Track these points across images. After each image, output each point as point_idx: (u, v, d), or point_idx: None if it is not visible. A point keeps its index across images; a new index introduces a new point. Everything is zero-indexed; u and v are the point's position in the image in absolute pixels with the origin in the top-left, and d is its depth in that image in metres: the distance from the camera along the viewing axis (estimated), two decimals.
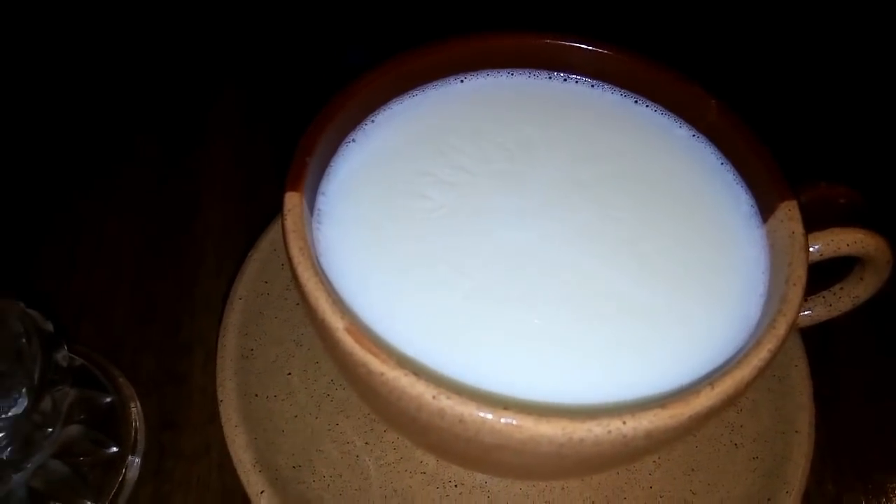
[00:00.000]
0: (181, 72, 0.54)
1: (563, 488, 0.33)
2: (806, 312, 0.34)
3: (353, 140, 0.32)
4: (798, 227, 0.28)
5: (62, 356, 0.31)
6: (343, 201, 0.30)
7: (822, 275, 0.33)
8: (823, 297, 0.33)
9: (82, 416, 0.35)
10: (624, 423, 0.23)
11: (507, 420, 0.23)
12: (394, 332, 0.27)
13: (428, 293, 0.28)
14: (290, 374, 0.36)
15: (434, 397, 0.23)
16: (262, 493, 0.31)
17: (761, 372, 0.24)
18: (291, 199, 0.27)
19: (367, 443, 0.34)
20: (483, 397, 0.23)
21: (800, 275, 0.26)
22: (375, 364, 0.24)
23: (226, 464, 0.34)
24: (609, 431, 0.23)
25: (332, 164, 0.31)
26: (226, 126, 0.51)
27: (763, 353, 0.24)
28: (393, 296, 0.28)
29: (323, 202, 0.30)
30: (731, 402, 0.24)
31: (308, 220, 0.28)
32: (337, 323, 0.24)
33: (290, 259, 0.26)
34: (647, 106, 0.34)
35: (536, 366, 0.27)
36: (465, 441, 0.24)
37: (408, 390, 0.23)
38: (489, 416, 0.23)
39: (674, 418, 0.23)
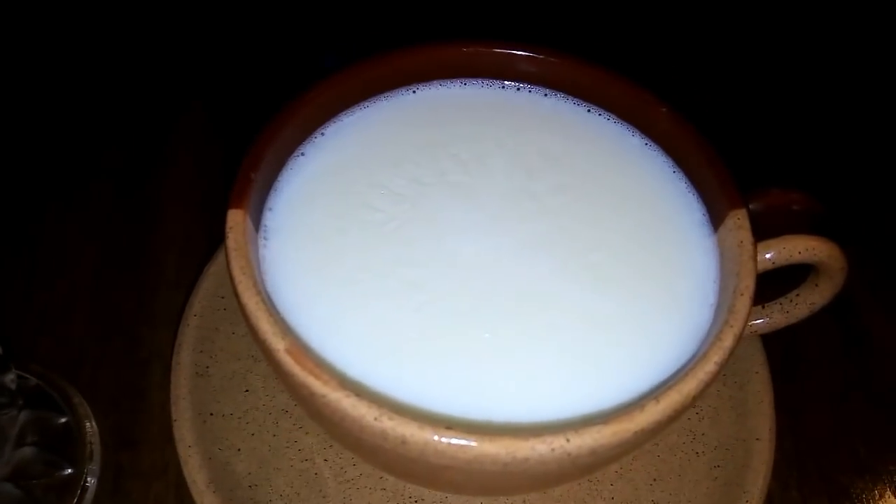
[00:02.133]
0: (145, 85, 0.53)
1: (524, 501, 0.33)
2: (762, 320, 0.33)
3: (303, 154, 0.32)
4: (746, 236, 0.28)
5: (10, 379, 0.31)
6: (291, 216, 0.30)
7: (782, 279, 0.33)
8: (780, 304, 0.33)
9: (36, 438, 0.34)
10: (567, 440, 0.22)
11: (449, 441, 0.22)
12: (340, 350, 0.27)
13: (377, 308, 0.28)
14: (247, 390, 0.35)
15: (376, 419, 0.23)
16: None
17: (708, 385, 0.24)
18: (234, 217, 0.27)
19: (326, 459, 0.34)
20: (425, 417, 0.23)
21: (747, 285, 0.26)
22: (317, 386, 0.23)
23: (183, 483, 0.33)
24: (553, 449, 0.22)
25: (280, 178, 0.31)
26: (188, 139, 0.50)
27: (709, 366, 0.24)
28: (340, 312, 0.28)
29: (270, 218, 0.30)
30: (677, 416, 0.24)
31: (253, 238, 0.28)
32: (277, 344, 0.24)
33: (231, 279, 0.26)
34: (599, 115, 0.34)
35: (487, 381, 0.27)
36: (411, 461, 0.24)
37: (350, 412, 0.23)
38: (432, 437, 0.22)
39: (617, 435, 0.23)
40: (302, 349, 0.24)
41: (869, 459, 0.38)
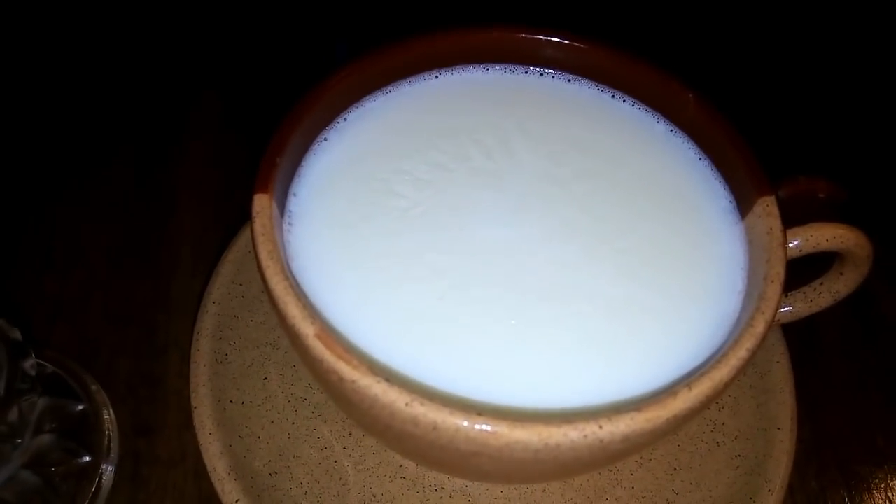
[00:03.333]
0: (159, 73, 0.53)
1: (544, 490, 0.33)
2: (786, 308, 0.33)
3: (326, 139, 0.32)
4: (776, 223, 0.27)
5: (30, 365, 0.31)
6: (315, 202, 0.30)
7: (804, 268, 0.33)
8: (804, 293, 0.33)
9: (54, 425, 0.34)
10: (600, 427, 0.22)
11: (481, 427, 0.22)
12: (367, 335, 0.26)
13: (403, 293, 0.28)
14: (266, 378, 0.35)
15: (407, 404, 0.22)
16: (237, 501, 0.30)
17: (739, 372, 0.24)
18: (260, 202, 0.27)
19: (345, 447, 0.33)
20: (457, 404, 0.23)
21: (778, 272, 0.26)
22: (346, 371, 0.23)
23: (202, 470, 0.33)
24: (585, 436, 0.22)
25: (303, 164, 0.31)
26: (203, 127, 0.50)
27: (741, 353, 0.24)
28: (366, 297, 0.27)
29: (294, 203, 0.29)
30: (709, 402, 0.24)
31: (278, 223, 0.27)
32: (307, 329, 0.24)
33: (259, 263, 0.25)
34: (624, 101, 0.34)
35: (513, 368, 0.26)
36: (440, 448, 0.23)
37: (380, 398, 0.23)
38: (463, 423, 0.22)
39: (650, 422, 0.22)
40: (331, 334, 0.24)
41: (887, 449, 0.38)
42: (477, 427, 0.22)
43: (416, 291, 0.28)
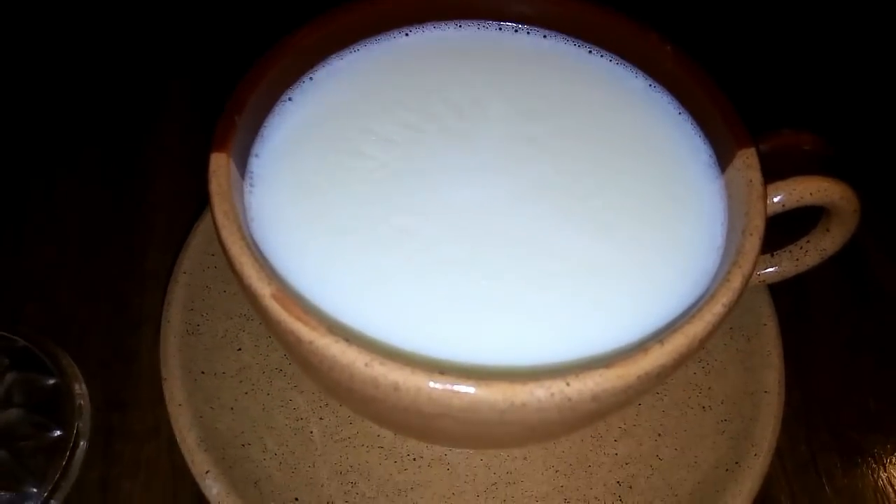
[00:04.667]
0: (132, 46, 0.52)
1: (525, 458, 0.32)
2: (772, 269, 0.32)
3: (290, 99, 0.30)
4: (756, 176, 0.26)
5: None
6: (278, 163, 0.29)
7: (790, 228, 0.32)
8: (790, 252, 0.32)
9: (23, 399, 0.34)
10: (567, 384, 0.21)
11: (443, 386, 0.21)
12: (330, 298, 0.26)
13: (368, 255, 0.27)
14: (240, 349, 0.34)
15: (366, 364, 0.22)
16: (206, 472, 0.30)
17: (715, 327, 0.23)
18: (217, 161, 0.26)
19: (321, 418, 0.33)
20: (419, 363, 0.22)
21: (756, 224, 0.25)
22: (304, 332, 0.22)
23: (176, 445, 0.33)
24: (552, 394, 0.21)
25: (266, 124, 0.30)
26: (176, 100, 0.49)
27: (717, 308, 0.23)
28: (330, 259, 0.27)
29: (256, 164, 0.28)
30: (683, 360, 0.23)
31: (237, 184, 0.27)
32: (263, 289, 0.23)
33: (215, 223, 0.24)
34: (601, 56, 0.33)
35: (484, 329, 0.26)
36: (403, 410, 0.22)
37: (339, 358, 0.22)
38: (425, 383, 0.21)
39: (621, 378, 0.21)
40: (289, 294, 0.23)
41: (880, 414, 0.37)
42: (438, 386, 0.21)
43: (382, 253, 0.27)
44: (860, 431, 0.37)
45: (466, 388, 0.21)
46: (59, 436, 0.34)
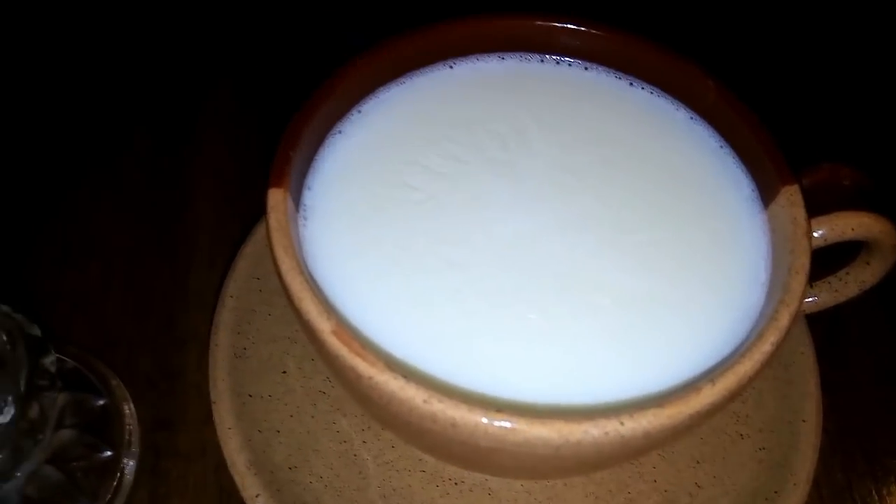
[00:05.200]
0: (173, 64, 0.53)
1: (565, 484, 0.32)
2: (811, 299, 0.33)
3: (340, 131, 0.31)
4: (800, 213, 0.27)
5: (50, 361, 0.31)
6: (330, 195, 0.30)
7: (829, 258, 0.32)
8: (829, 283, 0.32)
9: (75, 420, 0.34)
10: (622, 423, 0.22)
11: (500, 423, 0.22)
12: (382, 330, 0.26)
13: (418, 287, 0.27)
14: (285, 371, 0.35)
15: (425, 401, 0.22)
16: (257, 496, 0.30)
17: (764, 365, 0.23)
18: (275, 196, 0.26)
19: (364, 441, 0.33)
20: (475, 400, 0.22)
21: (803, 263, 0.25)
22: (364, 367, 0.23)
23: (222, 464, 0.33)
24: (606, 433, 0.22)
25: (318, 156, 0.30)
26: (218, 118, 0.49)
27: (765, 346, 0.24)
28: (381, 291, 0.27)
29: (309, 197, 0.29)
30: (732, 398, 0.23)
31: (293, 217, 0.27)
32: (323, 325, 0.24)
33: (274, 259, 0.25)
34: (643, 88, 0.33)
35: (532, 363, 0.26)
36: (460, 444, 0.23)
37: (398, 394, 0.22)
38: (482, 420, 0.22)
39: (673, 418, 0.22)
40: (348, 330, 0.23)
41: None
42: (496, 423, 0.22)
43: (431, 285, 0.27)
44: (895, 459, 0.37)
45: (522, 426, 0.22)
46: (109, 456, 0.34)
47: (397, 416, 0.23)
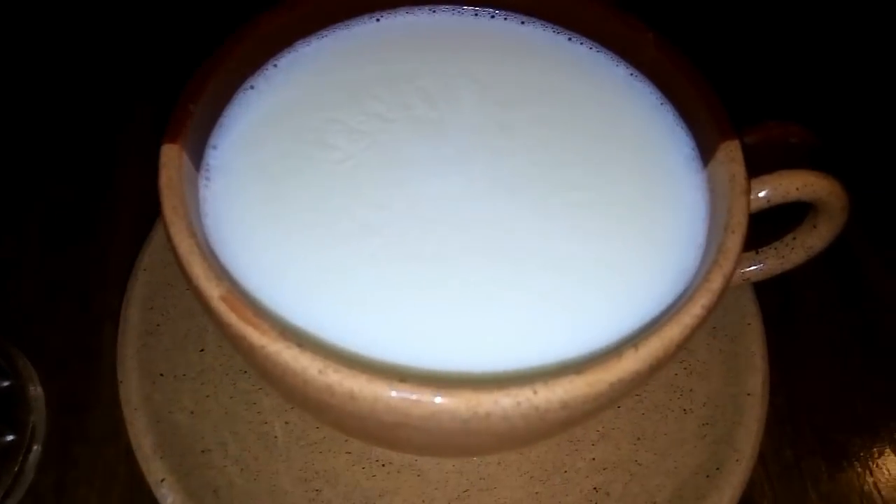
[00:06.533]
0: (104, 35, 0.50)
1: (498, 463, 0.31)
2: (757, 266, 0.31)
3: (252, 87, 0.29)
4: (739, 170, 0.25)
5: None
6: (238, 155, 0.27)
7: (776, 224, 0.31)
8: (775, 249, 0.30)
9: None
10: (535, 392, 0.20)
11: (402, 394, 0.20)
12: (286, 298, 0.24)
13: (330, 252, 0.25)
14: (202, 350, 0.33)
15: (320, 371, 0.20)
16: (162, 480, 0.28)
17: (693, 331, 0.22)
18: (168, 153, 0.24)
19: (287, 422, 0.31)
20: (377, 370, 0.20)
21: (739, 221, 0.24)
22: (255, 336, 0.21)
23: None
24: (518, 403, 0.20)
25: (226, 113, 0.28)
26: (146, 91, 0.47)
27: (696, 310, 0.22)
28: (290, 258, 0.25)
29: (213, 156, 0.27)
30: (659, 365, 0.21)
31: (191, 176, 0.25)
32: (212, 291, 0.21)
33: (163, 219, 0.23)
34: (581, 43, 0.31)
35: (450, 331, 0.24)
36: (362, 419, 0.21)
37: (291, 364, 0.20)
38: (384, 391, 0.20)
39: (592, 386, 0.20)
40: (239, 296, 0.21)
41: (867, 417, 0.36)
42: (397, 395, 0.20)
43: (345, 250, 0.25)
44: (846, 435, 0.36)
45: (427, 398, 0.20)
46: (11, 440, 0.32)
47: (295, 389, 0.21)
